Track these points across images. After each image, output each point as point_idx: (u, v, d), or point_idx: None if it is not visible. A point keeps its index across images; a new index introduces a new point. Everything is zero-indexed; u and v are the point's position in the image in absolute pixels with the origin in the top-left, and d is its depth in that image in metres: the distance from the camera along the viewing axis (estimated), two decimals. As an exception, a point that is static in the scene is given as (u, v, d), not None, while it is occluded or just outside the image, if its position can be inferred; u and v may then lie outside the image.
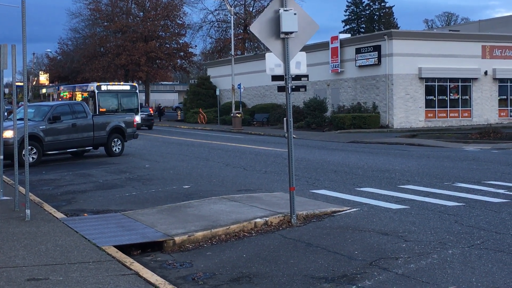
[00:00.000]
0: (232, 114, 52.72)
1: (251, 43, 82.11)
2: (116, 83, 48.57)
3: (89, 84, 48.44)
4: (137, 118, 42.89)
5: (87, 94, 47.00)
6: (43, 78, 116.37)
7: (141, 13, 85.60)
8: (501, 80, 50.32)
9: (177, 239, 10.85)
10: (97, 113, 41.32)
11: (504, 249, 9.82)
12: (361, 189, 16.42)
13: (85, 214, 13.72)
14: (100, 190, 17.51)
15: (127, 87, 48.30)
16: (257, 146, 32.75)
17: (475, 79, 49.26)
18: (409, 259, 9.40)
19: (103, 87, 46.48)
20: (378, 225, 11.84)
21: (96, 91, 45.89)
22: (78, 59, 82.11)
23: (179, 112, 76.78)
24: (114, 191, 17.23)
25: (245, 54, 76.25)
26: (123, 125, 28.34)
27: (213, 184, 18.13)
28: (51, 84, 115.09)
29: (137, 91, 48.34)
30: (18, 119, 23.74)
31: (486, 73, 49.29)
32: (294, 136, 22.69)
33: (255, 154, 27.73)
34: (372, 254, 9.74)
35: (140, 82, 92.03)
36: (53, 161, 26.13)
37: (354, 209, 13.48)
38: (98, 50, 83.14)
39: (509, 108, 51.14)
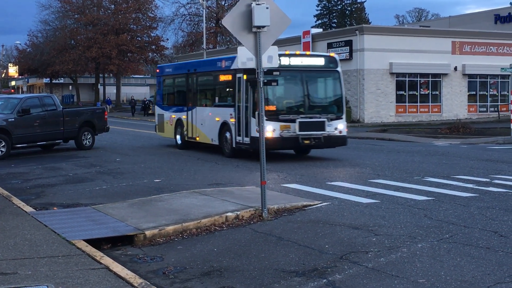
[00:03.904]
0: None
1: (223, 37, 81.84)
2: (297, 52, 23.65)
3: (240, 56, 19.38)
4: (341, 126, 22.05)
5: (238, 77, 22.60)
6: (12, 71, 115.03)
7: (112, 6, 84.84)
8: (470, 76, 50.85)
9: (148, 233, 10.80)
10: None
11: (472, 243, 9.94)
12: (332, 183, 16.49)
13: (55, 208, 13.61)
14: (70, 184, 17.36)
15: (320, 61, 22.72)
16: (229, 140, 32.66)
17: (445, 74, 49.72)
18: (379, 252, 9.47)
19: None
20: (349, 219, 11.91)
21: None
22: (48, 51, 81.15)
23: (150, 105, 75.83)
24: (84, 185, 17.09)
25: (217, 48, 76.03)
26: (93, 118, 28.10)
27: (185, 178, 18.08)
28: (20, 77, 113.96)
29: (339, 68, 22.75)
30: (-14, 112, 23.48)
31: (455, 68, 49.76)
32: (266, 130, 22.56)
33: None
34: (343, 248, 9.79)
35: (111, 75, 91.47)
36: (22, 155, 25.83)
37: (325, 203, 13.53)
38: (68, 42, 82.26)
39: (478, 103, 51.71)
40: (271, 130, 20.78)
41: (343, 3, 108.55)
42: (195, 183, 16.78)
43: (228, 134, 22.98)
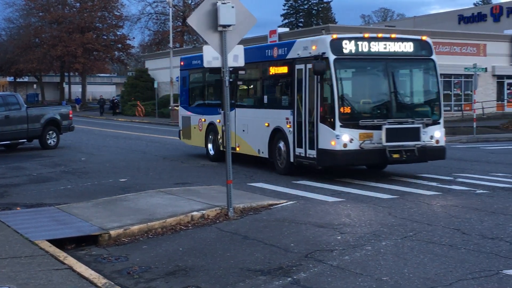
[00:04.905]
0: (170, 107, 52.33)
1: (190, 36, 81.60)
2: (379, 35, 17.24)
3: (301, 40, 18.68)
4: (438, 133, 16.92)
5: (299, 62, 17.42)
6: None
7: (78, 4, 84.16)
8: (434, 76, 51.35)
9: (112, 232, 10.73)
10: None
11: (435, 240, 10.05)
12: (298, 182, 16.54)
13: (18, 208, 13.43)
14: (34, 184, 17.16)
15: (409, 46, 17.49)
16: (195, 139, 32.58)
17: (410, 74, 50.13)
18: (343, 251, 9.53)
19: (348, 46, 16.56)
20: (314, 218, 11.96)
21: (332, 57, 16.13)
22: (12, 49, 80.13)
23: (118, 104, 75.05)
24: (48, 185, 16.92)
25: (184, 47, 75.75)
26: (58, 117, 27.82)
27: (150, 178, 18.00)
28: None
29: (434, 56, 18.07)
30: None
31: (420, 68, 50.23)
32: (232, 129, 22.45)
33: (193, 148, 27.58)
34: (308, 247, 9.83)
35: (76, 74, 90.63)
36: (-15, 154, 25.47)
37: (291, 202, 13.57)
38: (33, 41, 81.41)
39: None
40: (347, 140, 15.74)
41: (310, 3, 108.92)
42: (161, 182, 16.71)
43: (282, 145, 17.86)
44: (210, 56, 12.54)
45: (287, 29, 61.32)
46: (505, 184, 15.86)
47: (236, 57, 12.67)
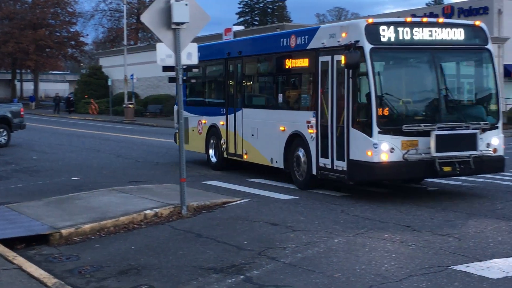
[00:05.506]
0: (124, 105, 51.89)
1: (145, 33, 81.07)
2: (424, 19, 13.90)
3: (327, 26, 16.24)
4: (496, 140, 13.90)
5: (328, 52, 13.95)
6: None
7: (30, 0, 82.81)
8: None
9: (64, 231, 10.60)
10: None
11: (387, 237, 10.19)
12: (252, 180, 16.58)
13: (-33, 207, 13.16)
14: (-16, 183, 16.86)
15: (459, 33, 13.86)
16: (150, 137, 32.44)
17: (364, 73, 50.59)
18: (296, 248, 9.59)
19: (386, 33, 13.17)
20: (268, 216, 12.01)
21: (368, 47, 12.86)
22: (-40, 46, 78.50)
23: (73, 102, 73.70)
24: (-2, 183, 16.64)
25: (139, 44, 75.20)
26: (9, 115, 27.32)
27: (104, 176, 17.83)
28: None
29: (489, 45, 14.07)
30: None
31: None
32: (187, 127, 22.36)
33: (147, 145, 27.47)
34: (261, 244, 9.87)
35: (28, 71, 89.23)
36: None
37: (245, 200, 13.61)
38: (-18, 37, 79.83)
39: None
40: (386, 149, 12.79)
41: (265, 1, 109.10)
42: (115, 181, 16.57)
43: (301, 153, 15.01)
44: (164, 54, 12.50)
45: (242, 27, 61.30)
46: (455, 182, 16.16)
47: (190, 54, 12.65)
